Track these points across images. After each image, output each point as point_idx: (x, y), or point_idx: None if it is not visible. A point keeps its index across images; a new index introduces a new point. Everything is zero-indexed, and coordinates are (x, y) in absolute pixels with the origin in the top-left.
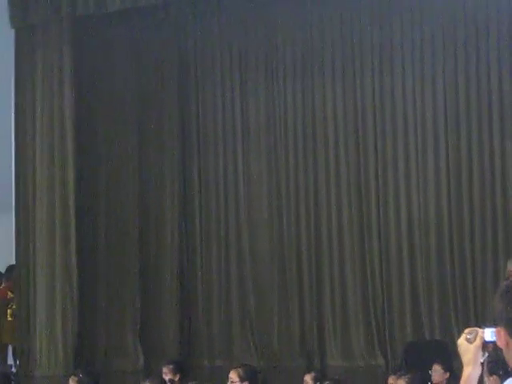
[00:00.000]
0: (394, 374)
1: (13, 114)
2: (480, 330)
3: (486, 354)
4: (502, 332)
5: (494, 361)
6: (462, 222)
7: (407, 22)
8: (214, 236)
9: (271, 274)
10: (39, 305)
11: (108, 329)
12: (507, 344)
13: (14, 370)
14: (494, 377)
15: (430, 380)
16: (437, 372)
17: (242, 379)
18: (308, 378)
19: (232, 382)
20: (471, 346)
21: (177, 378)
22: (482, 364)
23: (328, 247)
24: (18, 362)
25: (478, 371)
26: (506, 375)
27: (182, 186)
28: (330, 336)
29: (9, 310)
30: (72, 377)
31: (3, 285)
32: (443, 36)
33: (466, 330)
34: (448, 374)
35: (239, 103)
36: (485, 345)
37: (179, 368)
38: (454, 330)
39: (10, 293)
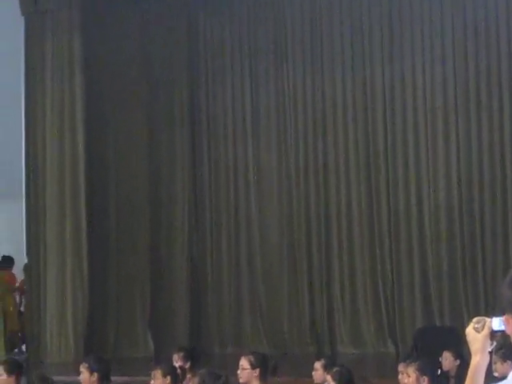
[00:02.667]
0: (404, 360)
1: (23, 101)
2: (488, 319)
3: (494, 343)
4: (510, 319)
5: (507, 347)
6: (473, 208)
7: (417, 7)
8: (224, 224)
9: (281, 262)
10: (49, 292)
11: (118, 316)
12: None
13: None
14: (508, 362)
15: (440, 367)
16: (447, 359)
17: (253, 366)
18: (318, 365)
19: (243, 369)
20: (479, 335)
21: (187, 366)
22: (491, 353)
23: (337, 235)
24: (27, 349)
25: (486, 360)
26: None
27: (192, 174)
28: (339, 323)
29: (11, 299)
30: (82, 364)
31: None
32: (453, 22)
33: (474, 319)
34: (458, 361)
35: (249, 89)
36: (493, 334)
37: (190, 355)
38: (464, 316)
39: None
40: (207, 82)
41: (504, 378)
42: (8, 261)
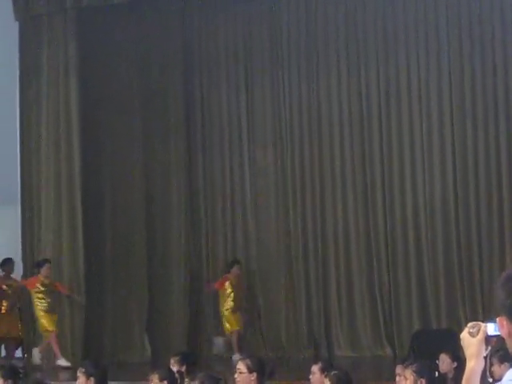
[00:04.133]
0: (402, 363)
1: (18, 107)
2: (483, 324)
3: (489, 348)
4: (505, 321)
5: (505, 349)
6: (469, 211)
7: (411, 10)
8: (220, 230)
9: (278, 266)
10: None
11: (115, 321)
12: (509, 333)
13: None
14: (506, 364)
15: (437, 369)
16: (444, 361)
17: (250, 370)
18: (315, 368)
19: (240, 372)
20: (474, 339)
21: (184, 369)
22: (485, 358)
23: (334, 238)
24: (25, 355)
25: (481, 365)
26: None
27: (187, 179)
28: (337, 327)
29: (4, 303)
30: (79, 368)
31: None
32: (447, 23)
33: (469, 324)
34: (456, 364)
35: (244, 94)
36: (488, 339)
37: (187, 359)
38: (461, 318)
39: (4, 286)
40: (202, 89)
41: (500, 380)
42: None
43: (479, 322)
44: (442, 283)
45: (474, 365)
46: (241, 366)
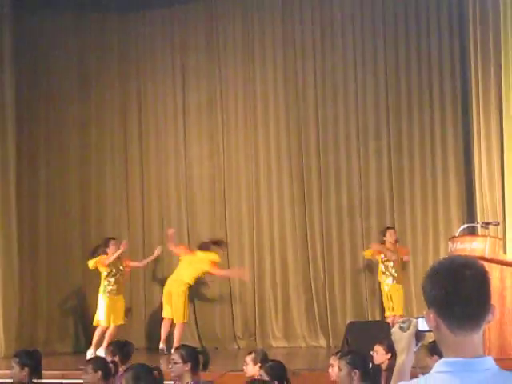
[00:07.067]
0: (336, 354)
1: None
2: (413, 320)
3: (420, 343)
4: (432, 314)
5: (435, 342)
6: (403, 205)
7: (348, 1)
8: (155, 219)
9: None
10: None
11: (49, 311)
12: (437, 325)
13: None
14: (435, 357)
15: (371, 360)
16: (378, 353)
17: (184, 360)
18: (248, 358)
19: (175, 363)
20: (405, 334)
21: (119, 360)
22: (416, 353)
23: (269, 231)
24: None
25: (411, 359)
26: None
27: (123, 169)
28: (271, 318)
29: None
30: (14, 358)
31: None
32: (383, 13)
33: (400, 319)
34: (390, 355)
35: (180, 85)
36: (418, 334)
37: (121, 350)
38: None
39: None
40: (138, 79)
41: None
42: None
43: (410, 317)
44: (376, 277)
45: (405, 359)
46: (175, 357)
